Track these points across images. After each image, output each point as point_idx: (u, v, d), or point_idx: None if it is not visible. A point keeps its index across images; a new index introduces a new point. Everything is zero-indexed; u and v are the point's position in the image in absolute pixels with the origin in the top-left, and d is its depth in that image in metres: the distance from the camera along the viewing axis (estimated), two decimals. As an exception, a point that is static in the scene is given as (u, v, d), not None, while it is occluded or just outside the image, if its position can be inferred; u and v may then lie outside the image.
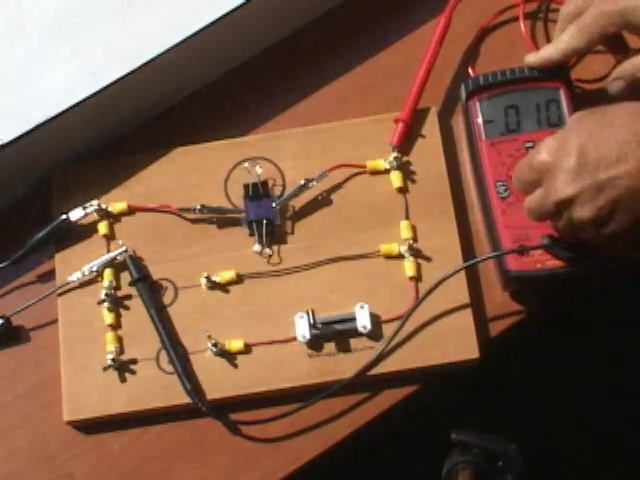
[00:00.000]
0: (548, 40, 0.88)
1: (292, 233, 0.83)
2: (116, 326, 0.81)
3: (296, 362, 0.79)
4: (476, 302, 0.80)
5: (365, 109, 0.87)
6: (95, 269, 0.82)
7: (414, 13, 0.91)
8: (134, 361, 0.80)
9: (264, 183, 0.84)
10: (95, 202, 0.83)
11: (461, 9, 0.88)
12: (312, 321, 0.78)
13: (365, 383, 0.79)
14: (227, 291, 0.81)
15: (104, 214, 0.84)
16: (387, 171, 0.84)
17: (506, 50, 0.88)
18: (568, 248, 0.77)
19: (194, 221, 0.84)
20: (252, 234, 0.83)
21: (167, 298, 0.82)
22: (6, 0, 0.86)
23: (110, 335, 0.80)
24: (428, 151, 0.84)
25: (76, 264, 0.82)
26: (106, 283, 0.81)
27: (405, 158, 0.84)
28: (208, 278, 0.81)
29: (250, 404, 0.79)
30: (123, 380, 0.79)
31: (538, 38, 0.88)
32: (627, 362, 1.23)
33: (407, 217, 0.82)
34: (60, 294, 0.82)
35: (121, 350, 0.80)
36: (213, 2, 0.84)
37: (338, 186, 0.84)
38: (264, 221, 0.82)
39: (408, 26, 0.91)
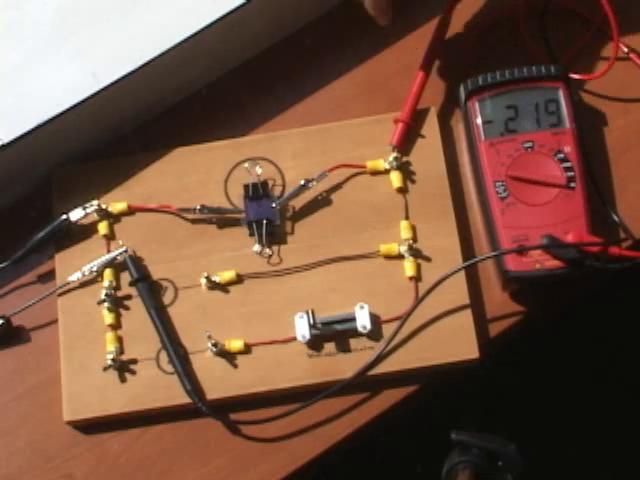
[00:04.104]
0: (545, 40, 0.88)
1: (292, 233, 0.83)
2: (116, 326, 0.81)
3: (296, 362, 0.79)
4: (476, 302, 0.80)
5: (365, 109, 0.87)
6: (95, 269, 0.82)
7: (414, 13, 0.91)
8: (134, 361, 0.80)
9: (264, 183, 0.84)
10: (95, 202, 0.83)
11: (461, 9, 0.88)
12: (312, 321, 0.78)
13: (365, 383, 0.79)
14: (227, 291, 0.82)
15: (104, 214, 0.84)
16: (387, 171, 0.84)
17: (505, 50, 0.88)
18: (567, 248, 0.77)
19: (194, 221, 0.84)
20: (252, 234, 0.83)
21: (167, 298, 0.82)
22: (7, 0, 0.86)
23: (110, 335, 0.80)
24: (428, 151, 0.84)
25: (76, 264, 0.82)
26: (106, 283, 0.81)
27: (405, 158, 0.84)
28: (208, 278, 0.81)
29: (250, 404, 0.79)
30: (123, 380, 0.79)
31: (537, 38, 0.88)
32: (627, 362, 1.23)
33: (407, 217, 0.82)
34: (60, 294, 0.82)
35: (121, 350, 0.80)
36: (213, 2, 0.84)
37: (338, 186, 0.84)
38: (264, 221, 0.82)
39: (408, 26, 0.91)
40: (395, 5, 0.91)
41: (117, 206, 0.84)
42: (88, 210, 0.83)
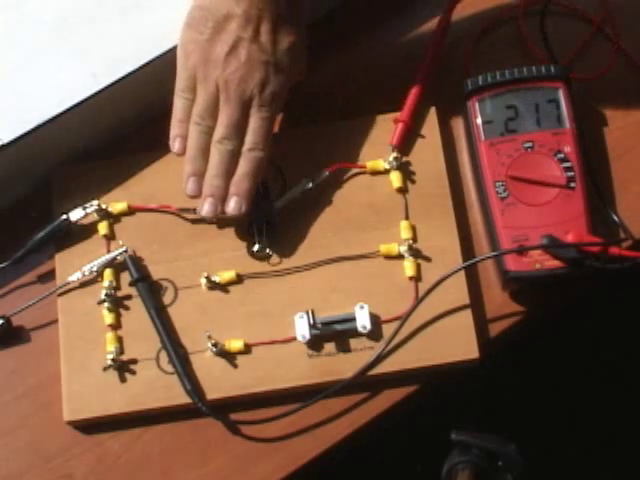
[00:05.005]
0: (545, 40, 0.88)
1: (292, 233, 0.83)
2: (116, 326, 0.81)
3: (296, 362, 0.79)
4: (476, 302, 0.80)
5: (365, 109, 0.87)
6: (95, 269, 0.82)
7: (414, 13, 0.91)
8: (134, 361, 0.80)
9: (264, 183, 0.84)
10: (95, 202, 0.83)
11: (461, 9, 0.88)
12: (312, 321, 0.78)
13: (365, 383, 0.79)
14: (227, 291, 0.81)
15: (104, 214, 0.84)
16: (387, 171, 0.84)
17: (506, 50, 0.88)
18: (567, 248, 0.77)
19: (194, 221, 0.84)
20: (252, 234, 0.83)
21: (167, 298, 0.82)
22: (7, 0, 0.86)
23: (110, 335, 0.80)
24: (428, 151, 0.84)
25: (76, 264, 0.82)
26: (106, 283, 0.81)
27: (405, 158, 0.84)
28: (208, 278, 0.81)
29: (250, 404, 0.79)
30: (123, 380, 0.79)
31: (537, 38, 0.88)
32: (627, 362, 1.23)
33: (407, 217, 0.82)
34: (60, 294, 0.82)
35: (121, 350, 0.80)
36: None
37: (338, 186, 0.84)
38: (264, 221, 0.82)
39: (408, 26, 0.91)
40: (395, 5, 0.91)
41: (117, 206, 0.84)
42: (88, 210, 0.83)
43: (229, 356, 0.79)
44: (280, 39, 0.79)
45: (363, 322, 0.78)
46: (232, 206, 0.80)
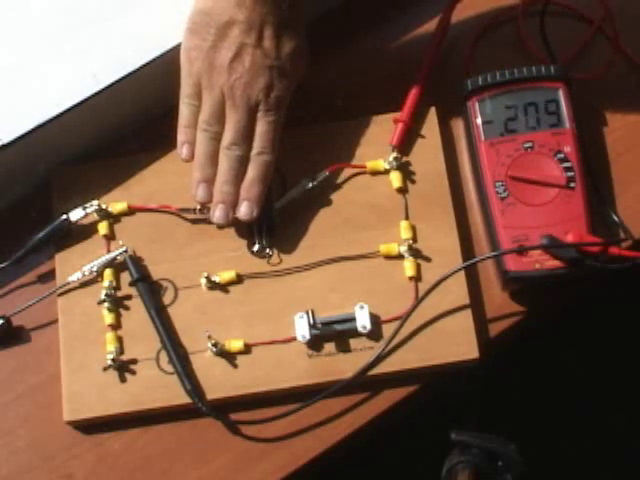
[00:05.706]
0: (545, 40, 0.88)
1: (292, 233, 0.83)
2: (116, 326, 0.81)
3: (296, 362, 0.79)
4: (476, 302, 0.80)
5: (365, 109, 0.87)
6: (95, 269, 0.82)
7: (414, 13, 0.91)
8: (134, 361, 0.80)
9: (264, 183, 0.84)
10: (95, 202, 0.83)
11: (461, 9, 0.88)
12: (312, 321, 0.78)
13: (365, 383, 0.79)
14: (227, 291, 0.82)
15: (104, 214, 0.84)
16: (387, 171, 0.84)
17: (506, 50, 0.89)
18: (567, 248, 0.77)
19: (194, 221, 0.84)
20: (252, 234, 0.83)
21: (167, 298, 0.82)
22: (7, 0, 0.86)
23: (110, 335, 0.80)
24: (428, 151, 0.84)
25: (76, 264, 0.82)
26: (106, 283, 0.81)
27: (405, 158, 0.84)
28: (208, 278, 0.81)
29: (250, 404, 0.79)
30: (123, 380, 0.79)
31: (537, 38, 0.88)
32: (627, 362, 1.23)
33: (407, 217, 0.82)
34: (60, 294, 0.82)
35: (121, 350, 0.80)
36: (213, 2, 0.84)
37: (338, 186, 0.84)
38: (264, 221, 0.82)
39: (408, 26, 0.91)
40: (395, 5, 0.91)
41: (117, 206, 0.84)
42: (88, 210, 0.83)
43: (229, 356, 0.79)
44: (283, 43, 0.79)
45: (363, 322, 0.78)
46: (243, 211, 0.80)
